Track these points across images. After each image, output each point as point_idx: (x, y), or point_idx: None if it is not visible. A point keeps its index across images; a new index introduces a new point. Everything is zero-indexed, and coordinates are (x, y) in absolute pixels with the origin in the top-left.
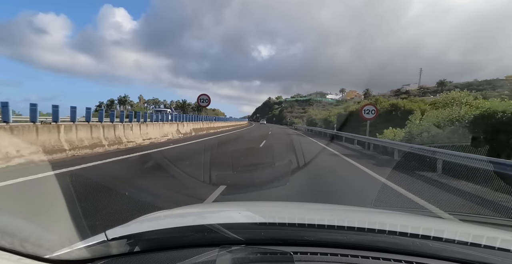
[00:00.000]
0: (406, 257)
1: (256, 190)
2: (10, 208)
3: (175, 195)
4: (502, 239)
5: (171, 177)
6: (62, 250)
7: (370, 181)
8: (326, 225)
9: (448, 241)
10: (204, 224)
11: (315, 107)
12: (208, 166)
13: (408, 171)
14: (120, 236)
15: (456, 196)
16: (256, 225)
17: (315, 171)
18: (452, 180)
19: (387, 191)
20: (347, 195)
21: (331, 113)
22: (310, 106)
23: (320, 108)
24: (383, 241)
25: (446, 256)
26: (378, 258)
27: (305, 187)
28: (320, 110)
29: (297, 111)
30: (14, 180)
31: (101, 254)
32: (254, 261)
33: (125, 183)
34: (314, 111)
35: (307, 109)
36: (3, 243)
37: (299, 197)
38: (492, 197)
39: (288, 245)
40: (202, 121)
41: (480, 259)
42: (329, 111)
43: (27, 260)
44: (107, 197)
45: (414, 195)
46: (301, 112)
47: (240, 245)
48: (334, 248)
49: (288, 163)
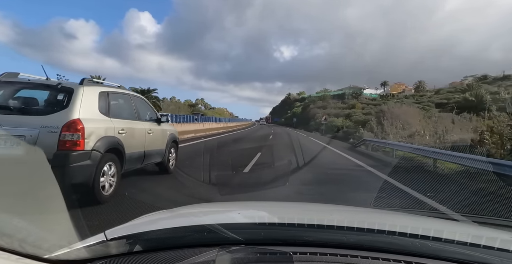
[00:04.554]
0: (406, 257)
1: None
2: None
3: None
4: (501, 239)
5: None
6: (61, 250)
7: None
8: (326, 225)
9: (447, 241)
10: (203, 224)
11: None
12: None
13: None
14: (120, 236)
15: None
16: (255, 225)
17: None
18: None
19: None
20: None
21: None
22: (355, 100)
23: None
24: (382, 241)
25: (446, 256)
26: (378, 258)
27: None
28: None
29: (335, 106)
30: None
31: (100, 254)
32: (253, 261)
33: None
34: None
35: (351, 102)
36: (2, 243)
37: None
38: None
39: (288, 245)
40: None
41: (480, 259)
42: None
43: (26, 259)
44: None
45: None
46: (344, 107)
47: (240, 245)
48: (333, 248)
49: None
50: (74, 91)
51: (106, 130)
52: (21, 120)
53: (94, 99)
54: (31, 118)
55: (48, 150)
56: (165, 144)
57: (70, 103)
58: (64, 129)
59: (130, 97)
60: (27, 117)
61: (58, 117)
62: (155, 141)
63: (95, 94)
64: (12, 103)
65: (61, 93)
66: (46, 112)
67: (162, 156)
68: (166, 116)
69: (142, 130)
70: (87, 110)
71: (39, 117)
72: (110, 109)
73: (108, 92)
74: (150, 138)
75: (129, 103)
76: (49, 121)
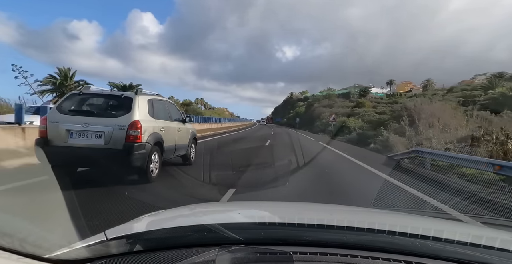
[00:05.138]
0: (406, 257)
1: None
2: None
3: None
4: (501, 239)
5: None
6: (61, 249)
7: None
8: (326, 225)
9: (447, 241)
10: (203, 224)
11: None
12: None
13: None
14: (120, 236)
15: None
16: (255, 225)
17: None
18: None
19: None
20: None
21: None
22: (363, 98)
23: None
24: (382, 241)
25: (446, 256)
26: (378, 258)
27: None
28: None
29: (342, 105)
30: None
31: (101, 253)
32: (253, 261)
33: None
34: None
35: (360, 101)
36: (3, 243)
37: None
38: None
39: (288, 245)
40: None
41: (480, 259)
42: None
43: (26, 259)
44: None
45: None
46: (353, 106)
47: (240, 245)
48: (333, 248)
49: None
50: (133, 99)
51: (153, 128)
52: (101, 121)
53: (145, 105)
54: (107, 119)
55: (120, 142)
56: (188, 140)
57: (131, 108)
58: (129, 127)
59: (164, 102)
60: (105, 118)
61: (125, 118)
62: (182, 137)
63: (145, 101)
64: (94, 108)
65: (124, 101)
66: (116, 115)
67: (186, 149)
68: (190, 117)
69: (174, 129)
70: (142, 113)
71: (112, 118)
72: (154, 112)
73: (152, 99)
74: (179, 135)
75: (165, 107)
76: (119, 121)
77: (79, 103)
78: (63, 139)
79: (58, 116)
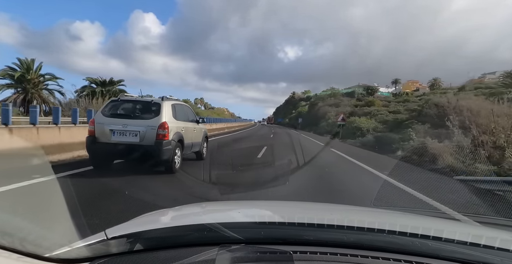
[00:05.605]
0: (406, 256)
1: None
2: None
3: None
4: (501, 239)
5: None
6: (61, 249)
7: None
8: (326, 224)
9: (447, 241)
10: (203, 223)
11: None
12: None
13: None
14: (120, 235)
15: None
16: (255, 224)
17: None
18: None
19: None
20: None
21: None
22: (371, 97)
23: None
24: (382, 240)
25: (446, 255)
26: (378, 257)
27: None
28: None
29: (349, 104)
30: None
31: (101, 253)
32: (253, 260)
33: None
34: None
35: (369, 99)
36: (3, 242)
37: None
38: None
39: (288, 244)
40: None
41: (480, 259)
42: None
43: (26, 258)
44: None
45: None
46: (361, 104)
47: (240, 244)
48: (333, 248)
49: None
50: (161, 104)
51: (176, 128)
52: (136, 122)
53: (170, 109)
54: (141, 121)
55: (151, 139)
56: (201, 138)
57: (160, 112)
58: (159, 127)
59: (183, 106)
60: (139, 120)
61: (155, 120)
62: (197, 136)
63: (170, 106)
64: (130, 112)
65: (153, 105)
66: (148, 117)
67: (199, 147)
68: (203, 118)
69: (191, 128)
70: (168, 116)
71: (145, 120)
72: (176, 114)
73: (175, 104)
74: (194, 134)
75: (183, 110)
76: (151, 123)
77: (118, 107)
78: (107, 137)
79: (103, 119)
